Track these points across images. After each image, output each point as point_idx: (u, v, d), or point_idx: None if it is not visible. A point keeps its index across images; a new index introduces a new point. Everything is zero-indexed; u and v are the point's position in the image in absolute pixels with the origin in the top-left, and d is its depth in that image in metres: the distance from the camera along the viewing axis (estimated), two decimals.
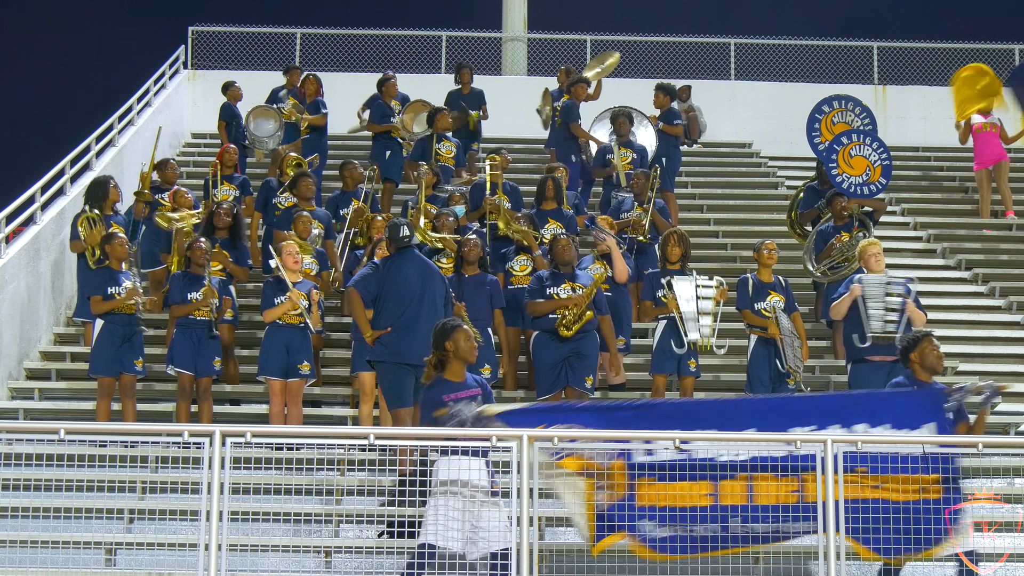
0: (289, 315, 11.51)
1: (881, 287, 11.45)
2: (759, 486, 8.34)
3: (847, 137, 14.22)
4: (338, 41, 22.73)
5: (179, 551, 9.21)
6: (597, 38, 22.77)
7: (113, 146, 17.11)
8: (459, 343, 8.67)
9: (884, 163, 14.09)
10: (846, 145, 14.10)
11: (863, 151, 14.10)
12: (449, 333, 8.71)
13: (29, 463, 9.22)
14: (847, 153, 14.07)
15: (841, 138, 14.22)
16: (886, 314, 11.33)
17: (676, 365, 11.77)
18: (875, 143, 14.19)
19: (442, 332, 8.77)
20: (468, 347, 8.70)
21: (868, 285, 11.48)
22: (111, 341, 11.71)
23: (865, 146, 14.13)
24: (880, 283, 11.47)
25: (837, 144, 14.15)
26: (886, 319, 11.33)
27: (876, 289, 11.45)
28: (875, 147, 14.15)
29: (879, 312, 11.35)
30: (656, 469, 8.39)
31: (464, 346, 8.68)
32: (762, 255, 12.07)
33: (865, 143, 14.16)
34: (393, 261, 10.94)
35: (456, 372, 8.72)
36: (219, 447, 7.85)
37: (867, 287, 11.46)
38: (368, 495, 9.29)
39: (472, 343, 8.74)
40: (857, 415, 8.74)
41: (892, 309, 11.34)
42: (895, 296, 11.39)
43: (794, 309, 12.00)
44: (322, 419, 12.26)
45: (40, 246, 13.96)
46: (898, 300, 11.37)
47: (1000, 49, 22.81)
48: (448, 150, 15.94)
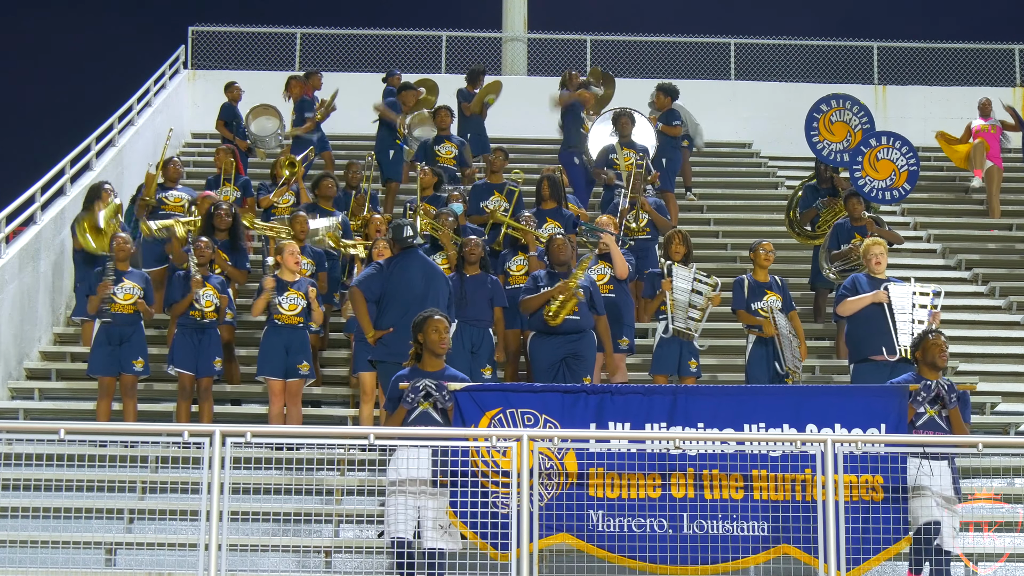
0: (288, 315, 11.51)
1: (908, 297, 11.17)
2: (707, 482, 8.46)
3: (876, 139, 13.94)
4: (338, 41, 22.72)
5: (179, 551, 9.21)
6: (597, 38, 22.76)
7: (113, 146, 17.10)
8: (428, 335, 8.89)
9: (912, 168, 13.78)
10: (874, 148, 13.85)
11: (891, 155, 13.80)
12: (421, 325, 8.94)
13: (29, 463, 9.22)
14: (874, 156, 13.81)
15: (870, 140, 13.93)
16: (915, 326, 10.95)
17: (676, 365, 11.77)
18: (904, 146, 13.84)
19: (416, 325, 9.00)
20: (435, 339, 8.88)
21: (896, 296, 11.17)
22: (108, 341, 11.71)
23: (894, 149, 13.81)
24: (907, 293, 11.20)
25: (865, 146, 13.86)
26: (915, 331, 10.79)
27: (903, 300, 11.16)
28: (903, 151, 13.81)
29: (906, 324, 11.04)
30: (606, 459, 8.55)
31: (432, 338, 8.89)
32: (759, 256, 12.05)
33: (894, 146, 13.83)
34: (397, 262, 10.96)
35: (430, 363, 8.91)
36: (219, 447, 7.87)
37: (894, 297, 11.16)
38: (368, 495, 9.29)
39: (440, 335, 8.89)
40: (807, 416, 8.78)
41: (920, 321, 11.02)
42: (923, 307, 11.08)
43: (791, 308, 11.97)
44: (322, 419, 12.25)
45: (40, 246, 13.96)
46: (925, 312, 11.05)
47: (1000, 49, 22.79)
48: (448, 151, 15.95)
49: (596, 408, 8.83)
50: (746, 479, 8.48)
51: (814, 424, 8.74)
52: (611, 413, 8.82)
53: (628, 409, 8.85)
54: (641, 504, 8.45)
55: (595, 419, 8.80)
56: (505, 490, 8.25)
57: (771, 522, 8.45)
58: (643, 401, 8.91)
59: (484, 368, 11.46)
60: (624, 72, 21.66)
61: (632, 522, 8.45)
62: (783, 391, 9.94)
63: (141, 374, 11.84)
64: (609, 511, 8.46)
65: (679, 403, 8.89)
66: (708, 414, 8.81)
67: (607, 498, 8.50)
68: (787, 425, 8.74)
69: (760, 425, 8.75)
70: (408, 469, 8.35)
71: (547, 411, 8.77)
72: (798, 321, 12.02)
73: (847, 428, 8.71)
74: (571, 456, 8.57)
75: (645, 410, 8.84)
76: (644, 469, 8.50)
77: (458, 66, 21.87)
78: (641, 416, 8.80)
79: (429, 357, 8.93)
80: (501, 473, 8.30)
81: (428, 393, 8.66)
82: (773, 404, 8.94)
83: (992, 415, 12.60)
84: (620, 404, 8.88)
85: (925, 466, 8.44)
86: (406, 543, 8.33)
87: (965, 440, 8.59)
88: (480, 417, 8.70)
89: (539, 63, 23.13)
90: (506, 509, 8.18)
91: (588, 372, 11.46)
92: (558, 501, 8.49)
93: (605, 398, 8.90)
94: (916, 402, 8.80)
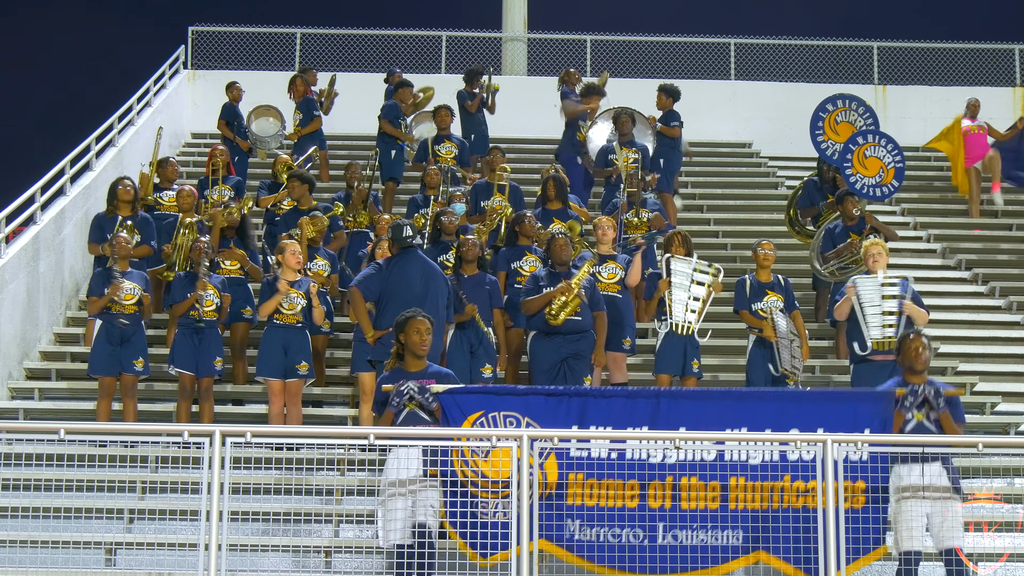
0: (287, 315, 11.51)
1: (876, 290, 11.20)
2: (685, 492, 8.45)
3: (863, 137, 14.00)
4: (338, 41, 22.73)
5: (179, 551, 9.21)
6: (597, 38, 22.76)
7: (113, 146, 17.11)
8: (410, 336, 8.90)
9: (898, 165, 13.85)
10: (861, 145, 13.88)
11: (877, 152, 13.87)
12: (403, 326, 8.95)
13: (29, 463, 9.23)
14: (862, 154, 13.86)
15: (857, 138, 13.99)
16: (884, 318, 11.09)
17: (680, 365, 11.76)
18: (889, 144, 13.93)
19: (398, 325, 9.01)
20: (416, 340, 8.89)
21: (863, 288, 11.23)
22: (108, 341, 11.72)
23: (880, 147, 13.90)
24: (875, 285, 11.22)
25: (853, 144, 13.91)
26: (884, 323, 11.09)
27: (871, 292, 11.20)
28: (889, 148, 13.90)
29: (876, 317, 11.14)
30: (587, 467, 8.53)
31: (413, 339, 8.90)
32: (758, 256, 12.06)
33: (880, 143, 13.92)
34: (396, 262, 10.96)
35: (412, 364, 8.93)
36: (219, 447, 7.86)
37: (861, 290, 11.21)
38: (368, 495, 9.29)
39: (420, 337, 8.89)
40: (790, 421, 8.75)
41: (889, 312, 11.12)
42: (891, 298, 11.16)
43: (794, 308, 11.97)
44: (322, 419, 12.25)
45: (40, 246, 13.96)
46: (894, 302, 11.14)
47: (1000, 49, 22.79)
48: (448, 151, 15.95)
49: (579, 411, 8.80)
50: (724, 488, 8.45)
51: (797, 428, 8.69)
52: (594, 417, 8.78)
53: (611, 413, 8.81)
54: (620, 514, 8.42)
55: (577, 422, 8.77)
56: (484, 493, 8.26)
57: (746, 532, 8.43)
58: (626, 404, 8.89)
59: (484, 368, 11.46)
60: (624, 72, 21.67)
61: (608, 532, 8.44)
62: (767, 395, 9.88)
63: (141, 374, 11.84)
64: (588, 521, 8.44)
65: (662, 407, 8.85)
66: (691, 418, 8.76)
67: (585, 506, 8.47)
68: (769, 430, 8.70)
69: (743, 430, 8.71)
70: (398, 470, 8.35)
71: (530, 414, 8.74)
72: (800, 321, 12.02)
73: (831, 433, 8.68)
74: (551, 461, 8.54)
75: (628, 414, 8.80)
76: (624, 477, 8.48)
77: (458, 66, 21.87)
78: (624, 420, 8.76)
79: (411, 357, 8.95)
80: (480, 476, 8.29)
81: (412, 397, 8.68)
82: (756, 409, 8.90)
83: (992, 415, 12.60)
84: (603, 407, 8.85)
85: (916, 469, 8.38)
86: (405, 547, 8.29)
87: (965, 440, 8.57)
88: (462, 421, 8.69)
89: (539, 63, 23.16)
90: (486, 517, 8.20)
91: (589, 372, 11.46)
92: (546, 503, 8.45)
93: (588, 401, 8.88)
94: (904, 407, 8.66)
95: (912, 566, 8.32)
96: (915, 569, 8.33)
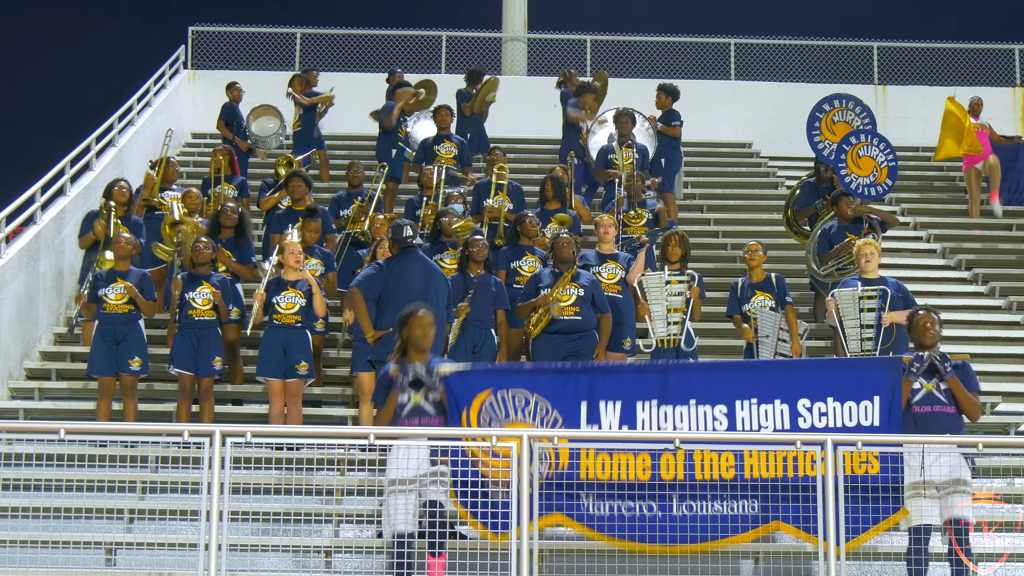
0: (286, 315, 11.50)
1: (854, 302, 11.26)
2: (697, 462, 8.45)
3: (855, 137, 14.04)
4: (338, 41, 22.73)
5: (179, 551, 9.20)
6: (597, 38, 22.77)
7: (113, 146, 17.12)
8: (412, 330, 8.89)
9: (891, 164, 13.92)
10: (855, 145, 13.93)
11: (870, 151, 13.91)
12: (406, 320, 8.94)
13: (29, 463, 9.21)
14: (855, 153, 13.91)
15: (850, 138, 14.03)
16: (862, 331, 11.14)
17: None
18: (882, 143, 13.99)
19: (401, 320, 9.01)
20: (419, 335, 8.88)
21: (842, 301, 11.31)
22: (104, 341, 11.72)
23: (872, 146, 13.94)
24: (853, 298, 11.29)
25: (846, 144, 13.96)
26: (863, 336, 11.14)
27: (849, 305, 11.27)
28: (882, 147, 13.95)
29: (855, 330, 11.19)
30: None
31: (416, 333, 8.88)
32: (745, 258, 12.16)
33: (872, 143, 13.97)
34: (396, 262, 10.97)
35: (415, 358, 8.90)
36: (219, 447, 7.86)
37: (841, 303, 11.30)
38: (368, 495, 9.29)
39: (424, 331, 8.88)
40: (799, 390, 8.78)
41: (868, 325, 11.17)
42: (868, 311, 11.18)
43: (785, 303, 11.95)
44: (322, 419, 12.25)
45: (40, 246, 13.96)
46: (872, 315, 11.17)
47: (1000, 49, 22.79)
48: (448, 151, 15.95)
49: (588, 386, 8.84)
50: (737, 457, 8.47)
51: (807, 398, 8.74)
52: (603, 391, 8.82)
53: (620, 387, 8.85)
54: (631, 487, 8.43)
55: (587, 397, 8.81)
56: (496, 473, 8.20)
57: (762, 501, 8.44)
58: (635, 378, 8.95)
59: None
60: (624, 72, 21.67)
61: (623, 504, 8.45)
62: (777, 365, 9.95)
63: (139, 373, 11.83)
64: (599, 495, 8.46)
65: (671, 380, 8.89)
66: (700, 391, 8.81)
67: (598, 480, 8.48)
68: (779, 400, 8.73)
69: (752, 401, 8.74)
70: (400, 469, 8.35)
71: (538, 390, 8.78)
72: (792, 316, 11.97)
73: (840, 402, 8.72)
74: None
75: (637, 387, 8.84)
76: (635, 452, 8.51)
77: (458, 66, 21.89)
78: (633, 394, 8.80)
79: (414, 352, 8.94)
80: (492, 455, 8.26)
81: (418, 380, 8.68)
82: (766, 379, 8.94)
83: (992, 415, 12.58)
84: (612, 382, 8.90)
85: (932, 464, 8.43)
86: (406, 535, 8.30)
87: (965, 440, 8.57)
88: (471, 399, 8.71)
89: (539, 63, 23.17)
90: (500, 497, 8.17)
91: None
92: (557, 481, 8.47)
93: (597, 376, 8.93)
94: (911, 374, 8.73)
95: (922, 544, 8.39)
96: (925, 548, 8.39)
